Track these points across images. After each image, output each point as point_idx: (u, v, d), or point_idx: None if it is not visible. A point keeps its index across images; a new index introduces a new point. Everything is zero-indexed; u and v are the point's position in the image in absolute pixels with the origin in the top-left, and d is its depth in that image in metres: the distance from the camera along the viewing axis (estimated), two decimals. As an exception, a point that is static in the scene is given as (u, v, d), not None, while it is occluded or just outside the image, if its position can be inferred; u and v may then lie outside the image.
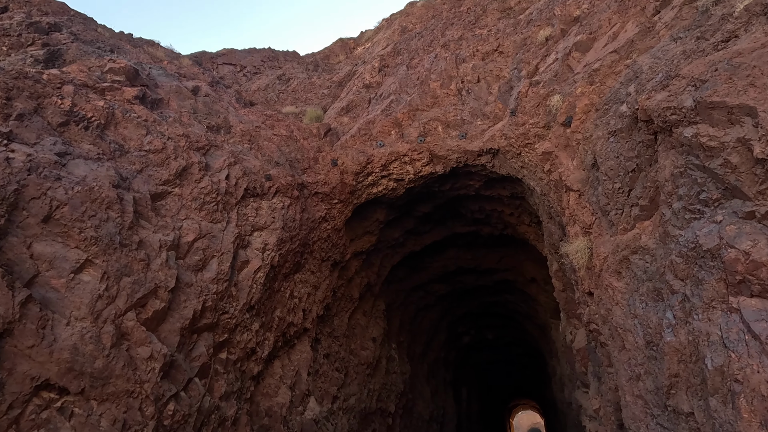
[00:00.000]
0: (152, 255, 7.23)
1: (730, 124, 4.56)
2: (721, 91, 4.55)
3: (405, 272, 17.62)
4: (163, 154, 8.55)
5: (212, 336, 7.83)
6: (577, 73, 8.93)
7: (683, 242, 5.08)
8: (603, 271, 7.14)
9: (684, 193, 5.15)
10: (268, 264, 9.27)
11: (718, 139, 4.62)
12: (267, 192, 10.01)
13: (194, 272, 7.85)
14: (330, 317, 12.57)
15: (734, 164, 4.46)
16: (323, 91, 16.47)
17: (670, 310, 5.26)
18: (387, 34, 19.43)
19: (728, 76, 4.58)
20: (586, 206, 8.04)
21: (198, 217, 8.47)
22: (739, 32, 5.05)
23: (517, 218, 13.58)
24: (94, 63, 9.48)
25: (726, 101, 4.49)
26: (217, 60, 17.60)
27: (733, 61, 4.64)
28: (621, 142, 6.71)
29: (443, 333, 23.96)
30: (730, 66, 4.64)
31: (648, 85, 5.91)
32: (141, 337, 6.47)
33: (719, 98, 4.54)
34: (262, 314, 9.29)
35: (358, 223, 12.92)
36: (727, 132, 4.57)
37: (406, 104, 12.07)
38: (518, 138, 9.93)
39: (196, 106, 10.90)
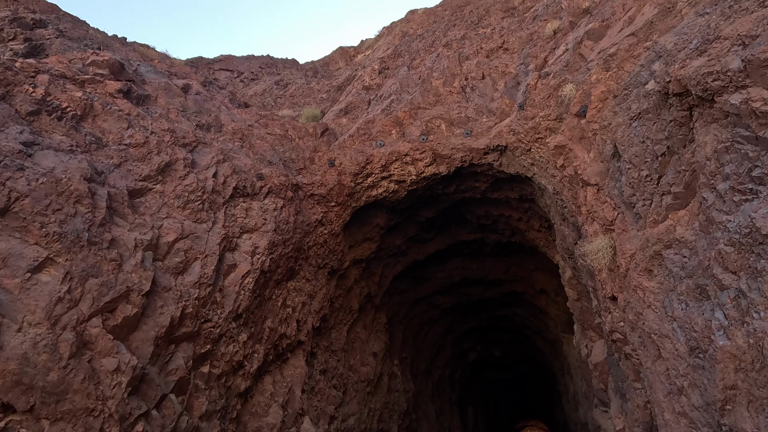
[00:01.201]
0: (126, 255, 6.50)
1: (791, 83, 3.88)
2: (777, 45, 3.88)
3: (408, 283, 16.77)
4: (145, 149, 7.91)
5: (192, 347, 7.02)
6: (591, 61, 8.31)
7: (733, 228, 4.32)
8: (630, 270, 6.35)
9: (731, 171, 4.42)
10: (258, 269, 8.52)
11: (776, 102, 3.93)
12: (258, 192, 9.33)
13: (174, 275, 7.10)
14: (327, 330, 11.71)
15: (798, 130, 3.75)
16: (322, 96, 15.97)
17: (720, 310, 4.46)
18: (388, 39, 19.07)
19: (785, 28, 3.91)
20: (607, 201, 7.29)
21: (181, 216, 7.77)
22: (790, -15, 4.40)
23: (526, 223, 12.81)
24: (76, 56, 8.96)
25: (785, 56, 3.81)
26: (214, 66, 17.21)
27: (790, 12, 3.97)
28: (647, 124, 6.02)
29: (448, 349, 22.89)
30: (786, 17, 3.97)
31: (680, 55, 5.25)
32: (107, 347, 5.69)
33: (776, 53, 3.87)
34: (251, 324, 8.48)
35: (357, 228, 12.18)
36: (786, 93, 3.89)
37: (407, 103, 11.48)
38: (528, 132, 9.25)
39: (186, 103, 10.33)
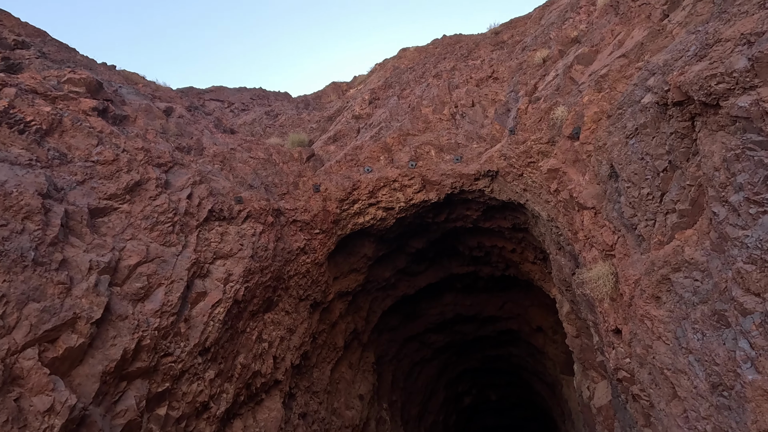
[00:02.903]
0: (77, 278, 5.84)
1: (806, 79, 3.54)
2: (787, 39, 3.57)
3: (398, 319, 15.92)
4: (114, 166, 7.43)
5: (148, 384, 6.21)
6: (582, 83, 8.12)
7: (753, 244, 3.83)
8: (635, 298, 5.78)
9: (745, 181, 3.98)
10: (231, 298, 7.82)
11: (791, 100, 3.57)
12: (236, 216, 8.79)
13: (132, 302, 6.40)
14: (308, 368, 10.80)
15: (820, 129, 3.36)
16: (312, 125, 15.81)
17: (744, 338, 3.88)
18: (380, 74, 19.28)
19: (794, 22, 3.61)
20: (605, 224, 6.83)
21: (147, 238, 7.17)
22: (791, -14, 4.17)
23: (520, 255, 12.27)
24: (51, 73, 8.66)
25: (797, 50, 3.49)
26: (205, 95, 17.14)
27: (797, 7, 3.70)
28: (646, 139, 5.66)
29: (442, 392, 21.58)
30: (793, 12, 3.69)
31: (677, 63, 4.97)
32: (40, 383, 4.92)
33: (787, 48, 3.55)
34: (220, 359, 7.67)
35: (343, 258, 11.56)
36: (802, 90, 3.53)
37: (396, 129, 11.23)
38: (519, 157, 8.93)
39: (167, 126, 9.98)
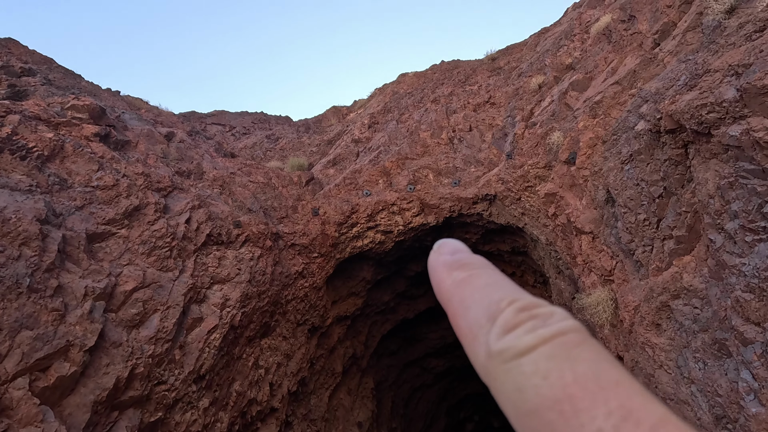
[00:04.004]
0: (72, 304, 5.79)
1: (794, 110, 3.58)
2: (774, 71, 3.63)
3: (397, 344, 15.69)
4: (113, 191, 7.47)
5: (140, 414, 6.07)
6: (577, 109, 8.25)
7: (750, 272, 3.81)
8: (635, 325, 5.71)
9: (739, 209, 3.99)
10: (228, 323, 7.73)
11: (780, 130, 3.61)
12: (234, 240, 8.78)
13: (127, 329, 6.33)
14: (306, 395, 10.58)
15: (810, 159, 3.39)
16: (312, 149, 15.98)
17: (746, 369, 3.81)
18: (379, 99, 19.61)
19: (780, 55, 3.69)
20: (603, 249, 6.81)
21: (144, 263, 7.15)
22: (776, 19, 4.28)
23: (520, 278, 12.19)
24: (55, 100, 8.81)
25: (784, 82, 3.55)
26: (207, 120, 17.40)
27: (782, 40, 3.78)
28: (640, 166, 5.71)
29: (443, 419, 21.06)
30: (778, 44, 3.77)
31: (668, 92, 5.06)
32: (30, 413, 4.82)
33: (774, 80, 3.61)
34: (215, 387, 7.53)
35: (341, 282, 11.49)
36: (791, 120, 3.58)
37: (394, 153, 11.35)
38: (517, 181, 8.98)
39: (168, 150, 10.10)
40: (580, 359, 0.37)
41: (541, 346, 0.38)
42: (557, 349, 0.38)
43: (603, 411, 0.33)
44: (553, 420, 0.35)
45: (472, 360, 0.44)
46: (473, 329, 0.43)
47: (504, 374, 0.39)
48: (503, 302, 0.43)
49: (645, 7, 8.33)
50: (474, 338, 0.43)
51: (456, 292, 0.47)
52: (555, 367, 0.37)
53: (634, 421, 0.32)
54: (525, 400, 0.37)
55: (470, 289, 0.46)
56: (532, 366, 0.38)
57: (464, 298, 0.46)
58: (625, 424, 0.32)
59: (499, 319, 0.42)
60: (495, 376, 0.40)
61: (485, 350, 0.41)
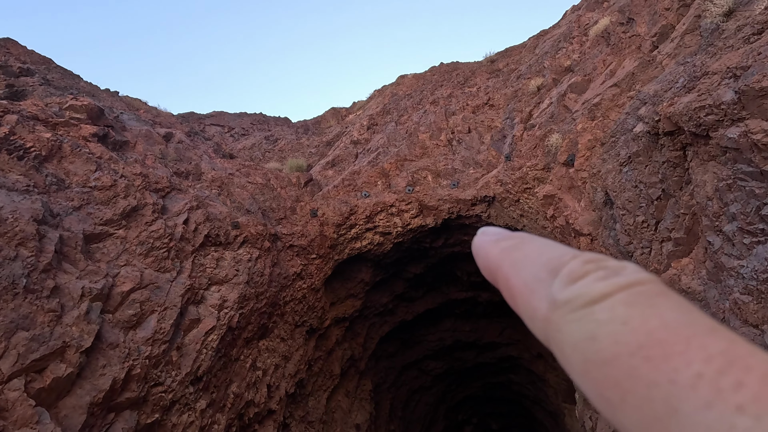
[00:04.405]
0: (68, 305, 5.77)
1: (792, 112, 3.59)
2: (772, 73, 3.64)
3: (396, 346, 15.66)
4: (111, 192, 7.45)
5: (137, 416, 6.04)
6: (575, 111, 8.26)
7: (748, 274, 3.81)
8: (633, 327, 5.70)
9: (738, 211, 3.99)
10: (225, 325, 7.71)
11: (779, 132, 3.61)
12: (232, 241, 8.76)
13: (124, 330, 6.30)
14: (303, 397, 10.55)
15: (808, 161, 3.39)
16: (311, 150, 15.98)
17: (744, 371, 3.81)
18: (378, 100, 19.63)
19: (778, 57, 3.69)
20: (602, 251, 6.80)
21: (142, 264, 7.12)
22: (774, 21, 4.30)
23: (519, 280, 12.18)
24: (53, 100, 8.79)
25: (782, 84, 3.56)
26: (205, 120, 17.39)
27: (780, 43, 3.79)
28: (639, 168, 5.71)
29: (441, 421, 21.02)
30: (776, 47, 3.78)
31: (666, 95, 5.06)
32: (25, 415, 4.78)
33: (772, 82, 3.61)
34: (212, 389, 7.49)
35: (339, 283, 11.47)
36: (789, 122, 3.58)
37: (393, 155, 11.35)
38: (515, 183, 8.98)
39: (167, 151, 10.08)
40: (665, 307, 0.32)
41: (618, 293, 0.34)
42: (637, 296, 0.33)
43: (702, 355, 0.29)
44: (638, 366, 0.30)
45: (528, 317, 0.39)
46: (530, 284, 0.39)
47: (571, 323, 0.34)
48: (566, 256, 0.38)
49: (643, 10, 8.35)
50: (531, 293, 0.38)
51: (506, 257, 0.42)
52: (637, 314, 0.32)
53: (743, 366, 0.28)
54: (599, 349, 0.32)
55: (523, 251, 0.42)
56: (608, 313, 0.33)
57: (516, 261, 0.41)
58: (731, 368, 0.28)
59: (563, 270, 0.37)
60: (559, 326, 0.35)
61: (548, 302, 0.36)
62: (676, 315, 0.32)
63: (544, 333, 0.37)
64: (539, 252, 0.41)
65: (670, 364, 0.30)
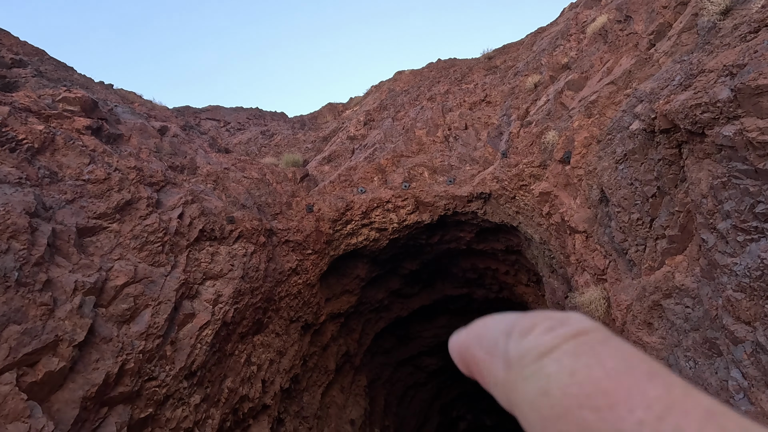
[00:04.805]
0: (61, 299, 5.72)
1: (787, 110, 3.60)
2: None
3: (391, 342, 15.70)
4: (105, 185, 7.39)
5: (130, 410, 6.02)
6: (572, 109, 8.26)
7: (741, 272, 3.83)
8: (627, 324, 5.73)
9: (732, 209, 4.01)
10: (220, 320, 7.68)
11: (774, 131, 3.62)
12: (228, 236, 8.72)
13: (118, 324, 6.27)
14: (298, 392, 10.55)
15: (802, 159, 3.41)
16: (307, 146, 15.92)
17: (736, 368, 3.83)
18: (375, 96, 19.57)
19: (774, 55, 3.70)
20: (597, 248, 6.83)
21: (136, 258, 7.08)
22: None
23: (514, 277, 12.23)
24: (46, 92, 8.69)
25: (778, 82, 3.56)
26: (201, 114, 17.26)
27: (776, 41, 3.80)
28: (634, 165, 5.72)
29: (436, 417, 21.12)
30: (773, 45, 3.78)
31: (663, 92, 5.07)
32: (17, 409, 4.75)
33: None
34: (207, 384, 7.48)
35: (335, 279, 11.46)
36: (784, 121, 3.59)
37: (390, 151, 11.32)
38: (511, 180, 8.99)
39: (161, 145, 10.00)
40: (608, 355, 0.34)
41: (564, 344, 0.36)
42: (581, 346, 0.35)
43: (642, 402, 0.31)
44: (587, 418, 0.32)
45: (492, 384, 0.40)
46: (490, 350, 0.41)
47: (525, 381, 0.36)
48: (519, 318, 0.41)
49: (641, 8, 8.35)
50: (491, 358, 0.40)
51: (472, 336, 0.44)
52: (582, 364, 0.34)
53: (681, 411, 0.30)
54: (552, 404, 0.34)
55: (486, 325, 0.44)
56: (556, 365, 0.35)
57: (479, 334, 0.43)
58: (670, 414, 0.30)
59: (515, 328, 0.39)
60: (516, 386, 0.37)
61: (503, 362, 0.38)
62: (618, 363, 0.33)
63: (506, 397, 0.38)
64: (498, 321, 0.43)
65: (615, 413, 0.31)
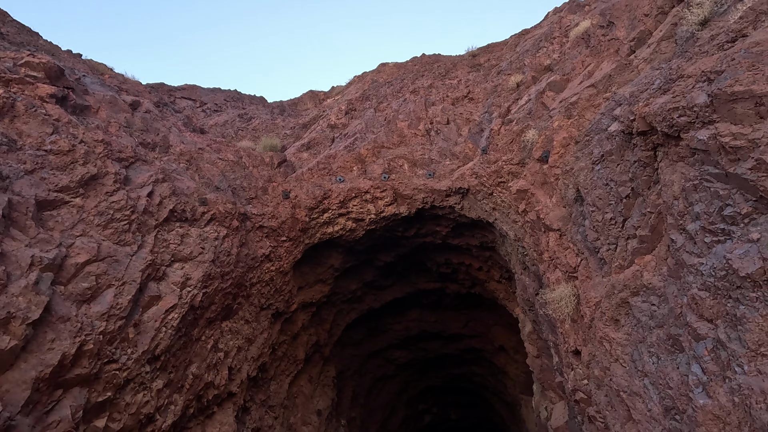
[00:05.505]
0: (15, 274, 5.38)
1: (759, 117, 3.72)
2: (744, 79, 3.77)
3: (362, 334, 15.68)
4: (69, 157, 6.99)
5: (87, 393, 5.75)
6: (553, 109, 8.38)
7: (707, 271, 3.97)
8: (595, 320, 5.88)
9: (701, 211, 4.15)
10: (187, 303, 7.44)
11: (746, 136, 3.75)
12: (199, 218, 8.44)
13: (77, 303, 5.96)
14: (265, 381, 10.38)
15: (771, 165, 3.54)
16: (286, 132, 15.59)
17: (697, 363, 3.98)
18: (358, 86, 19.35)
19: (751, 63, 3.82)
20: (570, 246, 6.97)
21: (99, 235, 6.74)
22: (747, 30, 4.45)
23: (487, 273, 12.39)
24: (7, 54, 8.13)
25: (753, 89, 3.68)
26: (176, 93, 16.63)
27: (753, 50, 3.92)
28: (611, 166, 5.85)
29: (402, 410, 21.31)
30: (750, 54, 3.91)
31: (643, 95, 5.18)
32: (-39, 388, 4.44)
33: (743, 87, 3.74)
34: (171, 369, 7.23)
35: (309, 268, 11.31)
36: (756, 127, 3.72)
37: (371, 141, 11.22)
38: (490, 176, 9.07)
39: (132, 120, 9.56)
40: None
41: None
42: None
43: None
44: None
45: None
46: None
47: None
48: None
49: (623, 15, 8.54)
50: None
51: None
52: None
53: None
54: None
55: None
56: None
57: None
58: None
59: None
60: None
61: None
62: None
63: None
64: None
65: None
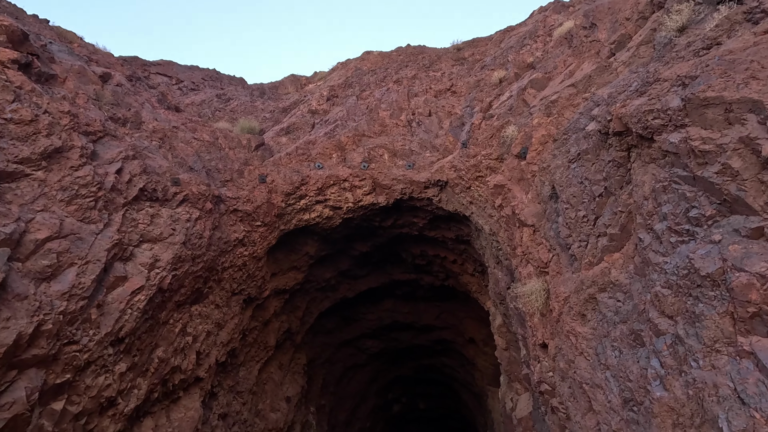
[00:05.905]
0: (-32, 248, 5.08)
1: (728, 123, 3.86)
2: (716, 85, 3.88)
3: (335, 322, 15.67)
4: (32, 128, 6.62)
5: (43, 374, 5.52)
6: (533, 107, 8.48)
7: (671, 270, 4.11)
8: (563, 315, 6.04)
9: (669, 212, 4.29)
10: (155, 285, 7.22)
11: (714, 141, 3.88)
12: (171, 198, 8.18)
13: (36, 281, 5.69)
14: (235, 367, 10.25)
15: (736, 170, 3.67)
16: (265, 115, 15.25)
17: (656, 357, 4.14)
18: (341, 73, 19.09)
19: (723, 71, 3.94)
20: (542, 242, 7.12)
21: (62, 211, 6.44)
22: (722, 39, 4.59)
23: (461, 266, 12.55)
24: (-34, 14, 7.59)
25: (723, 96, 3.81)
26: (151, 68, 15.98)
27: (726, 58, 4.05)
28: (586, 165, 5.98)
29: (372, 399, 21.51)
30: (723, 61, 4.03)
31: (620, 97, 5.29)
32: None
33: (715, 93, 3.86)
34: (135, 352, 7.03)
35: (283, 254, 11.16)
36: (724, 133, 3.86)
37: (351, 129, 11.10)
38: (469, 170, 9.13)
39: (102, 93, 9.12)
40: None
41: None
42: None
43: None
44: None
45: None
46: None
47: None
48: None
49: (606, 17, 8.68)
50: None
51: None
52: None
53: None
54: None
55: None
56: None
57: None
58: None
59: None
60: None
61: None
62: None
63: None
64: None
65: None
